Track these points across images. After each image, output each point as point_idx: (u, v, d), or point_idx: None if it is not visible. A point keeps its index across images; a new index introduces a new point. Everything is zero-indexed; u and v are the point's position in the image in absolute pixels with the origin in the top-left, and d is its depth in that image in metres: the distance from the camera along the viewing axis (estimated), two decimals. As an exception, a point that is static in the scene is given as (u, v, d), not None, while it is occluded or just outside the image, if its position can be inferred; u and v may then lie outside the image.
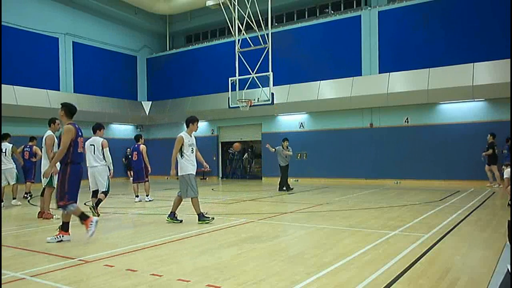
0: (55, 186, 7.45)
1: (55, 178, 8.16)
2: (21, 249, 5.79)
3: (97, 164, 8.84)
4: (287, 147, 14.49)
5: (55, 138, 8.42)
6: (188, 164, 7.83)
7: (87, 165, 8.86)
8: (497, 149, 14.30)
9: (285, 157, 14.37)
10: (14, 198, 11.71)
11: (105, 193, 8.98)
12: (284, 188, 14.46)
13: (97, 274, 4.50)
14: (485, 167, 14.48)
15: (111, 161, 9.10)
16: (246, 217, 8.51)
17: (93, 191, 9.00)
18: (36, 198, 13.50)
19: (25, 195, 13.88)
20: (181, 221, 7.95)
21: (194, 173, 7.91)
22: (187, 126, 8.24)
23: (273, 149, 14.40)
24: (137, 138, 12.29)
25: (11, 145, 11.85)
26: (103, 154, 8.92)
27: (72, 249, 5.78)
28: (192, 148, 7.99)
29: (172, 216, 8.01)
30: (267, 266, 4.74)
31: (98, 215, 8.48)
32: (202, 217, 7.80)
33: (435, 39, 16.44)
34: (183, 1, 22.70)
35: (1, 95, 15.96)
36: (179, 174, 7.84)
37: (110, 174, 9.10)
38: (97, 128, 9.10)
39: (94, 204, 8.78)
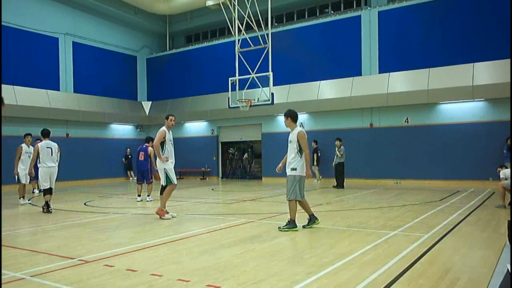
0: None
1: (172, 175, 8.59)
2: (21, 249, 5.79)
3: (54, 165, 9.92)
4: (339, 147, 15.43)
5: (166, 133, 8.67)
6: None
7: (44, 164, 9.71)
8: (320, 153, 17.97)
9: (336, 157, 15.54)
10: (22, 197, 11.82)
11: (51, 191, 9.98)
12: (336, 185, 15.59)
13: (97, 274, 4.50)
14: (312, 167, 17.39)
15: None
16: (246, 217, 8.51)
17: (45, 189, 9.75)
18: (35, 198, 13.49)
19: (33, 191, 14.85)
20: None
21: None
22: (295, 121, 7.36)
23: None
24: (148, 139, 12.27)
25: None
26: (57, 157, 10.17)
27: (72, 249, 5.78)
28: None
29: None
30: (267, 266, 4.74)
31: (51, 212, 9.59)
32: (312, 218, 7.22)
33: (435, 39, 16.44)
34: (183, 1, 22.69)
35: (1, 95, 15.94)
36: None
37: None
38: (49, 133, 10.13)
39: (48, 203, 9.63)
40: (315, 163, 17.80)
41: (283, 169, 7.36)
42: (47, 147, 9.85)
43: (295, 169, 7.01)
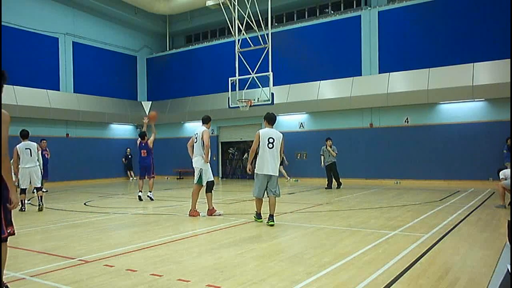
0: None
1: (204, 176, 8.64)
2: (21, 249, 5.79)
3: (33, 165, 10.13)
4: (330, 146, 15.23)
5: None
6: None
7: (23, 165, 10.00)
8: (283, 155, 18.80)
9: (328, 156, 15.25)
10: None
11: (40, 188, 10.42)
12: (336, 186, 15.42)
13: (97, 274, 4.50)
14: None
15: (41, 162, 10.88)
16: (246, 217, 8.51)
17: (22, 189, 10.08)
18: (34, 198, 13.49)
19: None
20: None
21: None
22: (269, 123, 8.05)
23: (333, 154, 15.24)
24: (143, 136, 12.23)
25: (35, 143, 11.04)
26: (37, 156, 10.38)
27: (72, 249, 5.78)
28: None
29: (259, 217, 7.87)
30: (267, 266, 4.75)
31: (42, 210, 10.10)
32: (273, 218, 7.54)
33: (435, 39, 16.44)
34: (183, 1, 22.69)
35: (1, 95, 15.93)
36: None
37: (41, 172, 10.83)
38: (28, 134, 10.31)
39: (34, 201, 10.20)
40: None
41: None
42: (26, 148, 10.08)
43: (255, 168, 7.75)
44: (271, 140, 7.67)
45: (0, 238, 3.57)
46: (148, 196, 11.85)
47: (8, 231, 3.69)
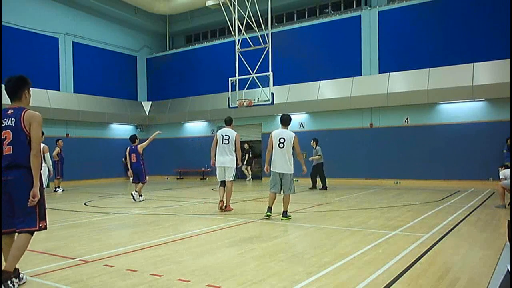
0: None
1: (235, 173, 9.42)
2: (21, 249, 5.79)
3: None
4: (314, 148, 15.22)
5: None
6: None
7: None
8: (251, 154, 20.27)
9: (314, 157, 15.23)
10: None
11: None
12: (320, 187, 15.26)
13: (97, 274, 4.50)
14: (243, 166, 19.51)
15: (51, 163, 10.91)
16: (246, 217, 8.51)
17: None
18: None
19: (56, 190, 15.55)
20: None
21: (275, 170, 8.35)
22: (283, 124, 8.45)
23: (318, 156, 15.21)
24: (133, 139, 12.04)
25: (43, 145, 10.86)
26: (44, 157, 10.36)
27: (72, 249, 5.78)
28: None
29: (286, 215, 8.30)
30: (267, 266, 4.75)
31: None
32: (286, 214, 8.26)
33: (435, 39, 16.44)
34: (183, 1, 22.69)
35: (1, 95, 15.94)
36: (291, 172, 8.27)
37: (50, 174, 10.62)
38: None
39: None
40: (245, 162, 19.65)
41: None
42: None
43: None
44: (281, 140, 8.17)
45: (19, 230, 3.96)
46: (131, 194, 11.73)
47: (40, 225, 4.03)
